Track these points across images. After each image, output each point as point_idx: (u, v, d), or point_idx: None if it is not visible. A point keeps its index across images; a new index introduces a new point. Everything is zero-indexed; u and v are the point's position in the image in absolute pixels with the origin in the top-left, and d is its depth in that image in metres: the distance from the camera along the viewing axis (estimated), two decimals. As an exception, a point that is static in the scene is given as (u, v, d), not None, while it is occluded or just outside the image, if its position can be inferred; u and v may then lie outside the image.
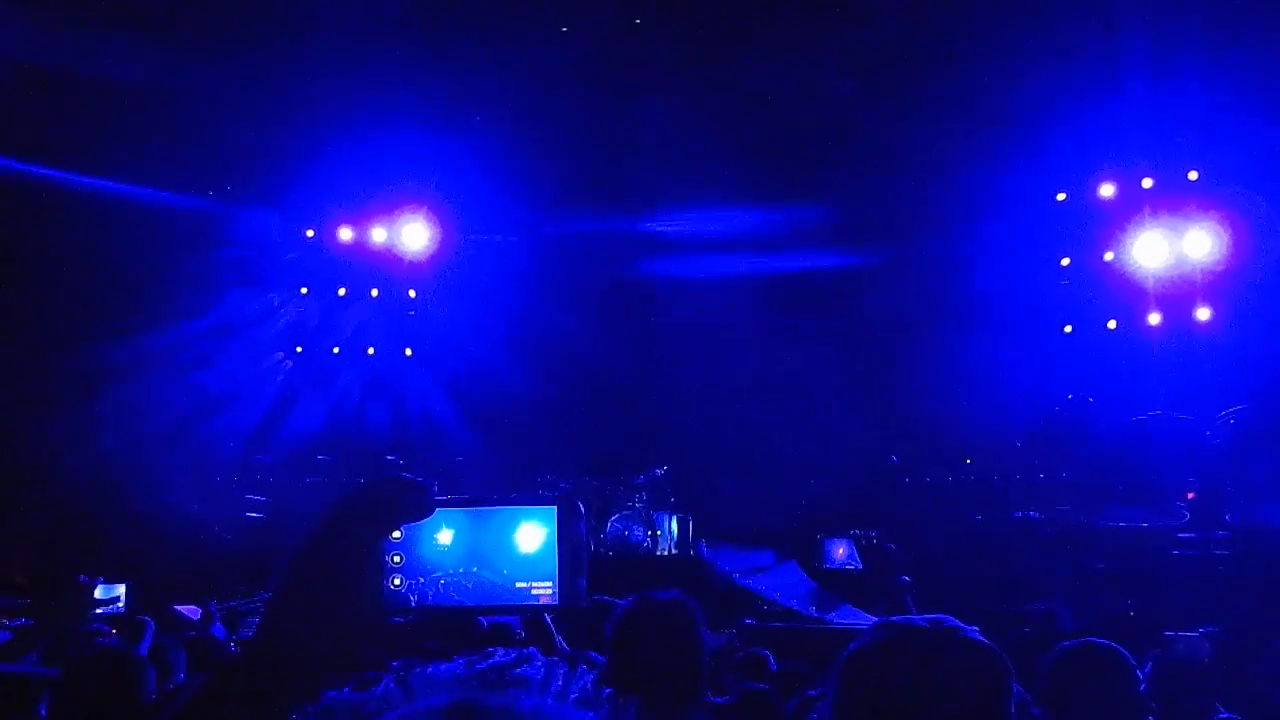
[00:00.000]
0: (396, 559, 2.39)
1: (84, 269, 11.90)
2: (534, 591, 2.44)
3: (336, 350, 14.07)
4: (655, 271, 13.29)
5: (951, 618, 1.83)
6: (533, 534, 2.45)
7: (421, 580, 2.40)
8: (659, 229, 13.03)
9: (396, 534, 2.33)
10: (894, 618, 1.97)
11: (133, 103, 10.37)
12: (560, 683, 1.01)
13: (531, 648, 1.07)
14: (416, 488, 1.60)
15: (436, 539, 2.42)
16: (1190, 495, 10.43)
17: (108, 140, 10.80)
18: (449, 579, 2.42)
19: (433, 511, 1.65)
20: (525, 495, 2.54)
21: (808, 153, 12.22)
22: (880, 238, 12.65)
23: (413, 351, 14.04)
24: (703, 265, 13.00)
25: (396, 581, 2.39)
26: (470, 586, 2.41)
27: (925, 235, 12.67)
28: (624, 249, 13.19)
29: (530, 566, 2.44)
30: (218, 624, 7.57)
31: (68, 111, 10.37)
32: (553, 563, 2.42)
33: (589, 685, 1.02)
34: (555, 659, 1.05)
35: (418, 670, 1.02)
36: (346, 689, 1.02)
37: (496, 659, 1.03)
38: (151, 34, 9.89)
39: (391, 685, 1.00)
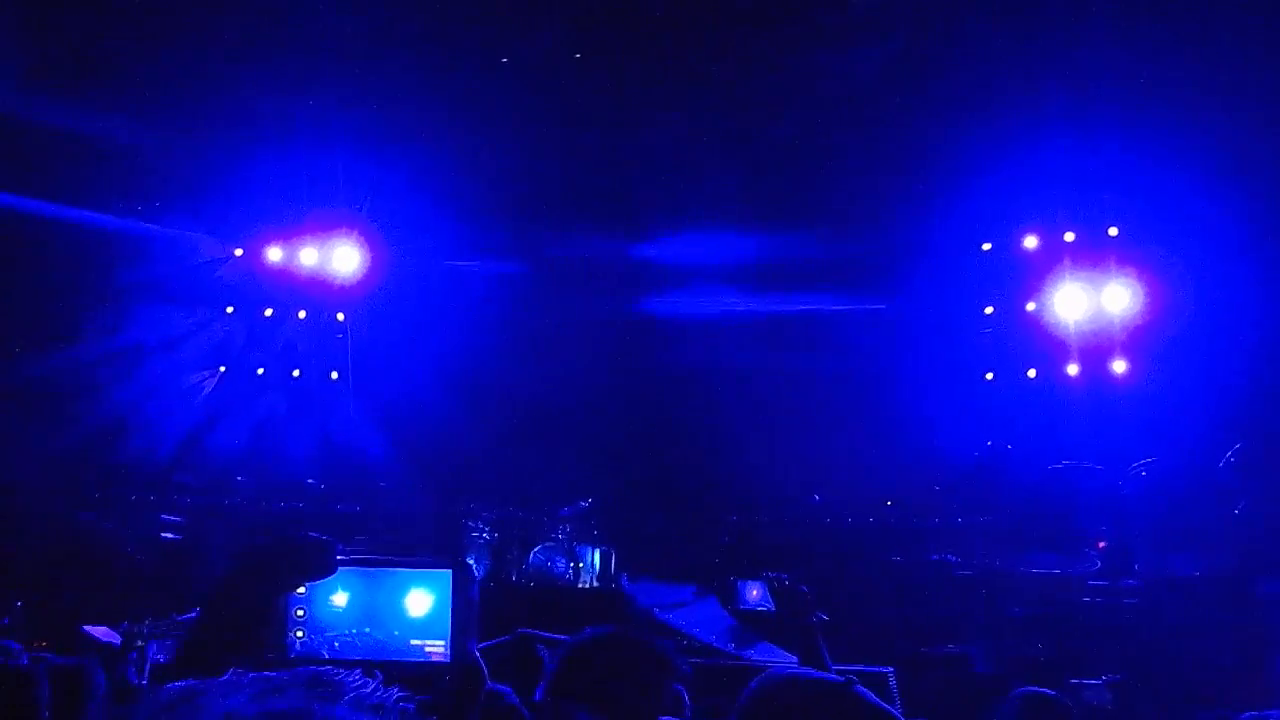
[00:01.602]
0: (300, 613, 2.40)
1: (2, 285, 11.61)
2: (427, 649, 2.46)
3: (261, 371, 13.83)
4: (587, 303, 13.29)
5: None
6: (424, 597, 2.48)
7: (316, 639, 2.42)
8: (593, 260, 13.05)
9: (301, 589, 2.33)
10: (784, 670, 1.99)
11: (56, 115, 10.15)
12: (359, 692, 1.09)
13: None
14: (321, 546, 1.66)
15: (332, 601, 2.44)
16: (1102, 544, 10.65)
17: (25, 154, 10.55)
18: (343, 639, 2.44)
19: (335, 570, 1.69)
20: (422, 559, 2.57)
21: (734, 199, 12.32)
22: (808, 283, 12.78)
23: (339, 375, 13.85)
24: (633, 298, 13.05)
25: (299, 634, 2.40)
26: (361, 646, 2.44)
27: (853, 280, 12.83)
28: (557, 277, 13.18)
29: (422, 627, 2.47)
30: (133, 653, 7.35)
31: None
32: (445, 624, 2.45)
33: (388, 696, 1.12)
34: (363, 675, 1.15)
35: (250, 674, 1.11)
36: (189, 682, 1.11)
37: (314, 669, 1.12)
38: (74, 44, 9.71)
39: (221, 680, 1.09)
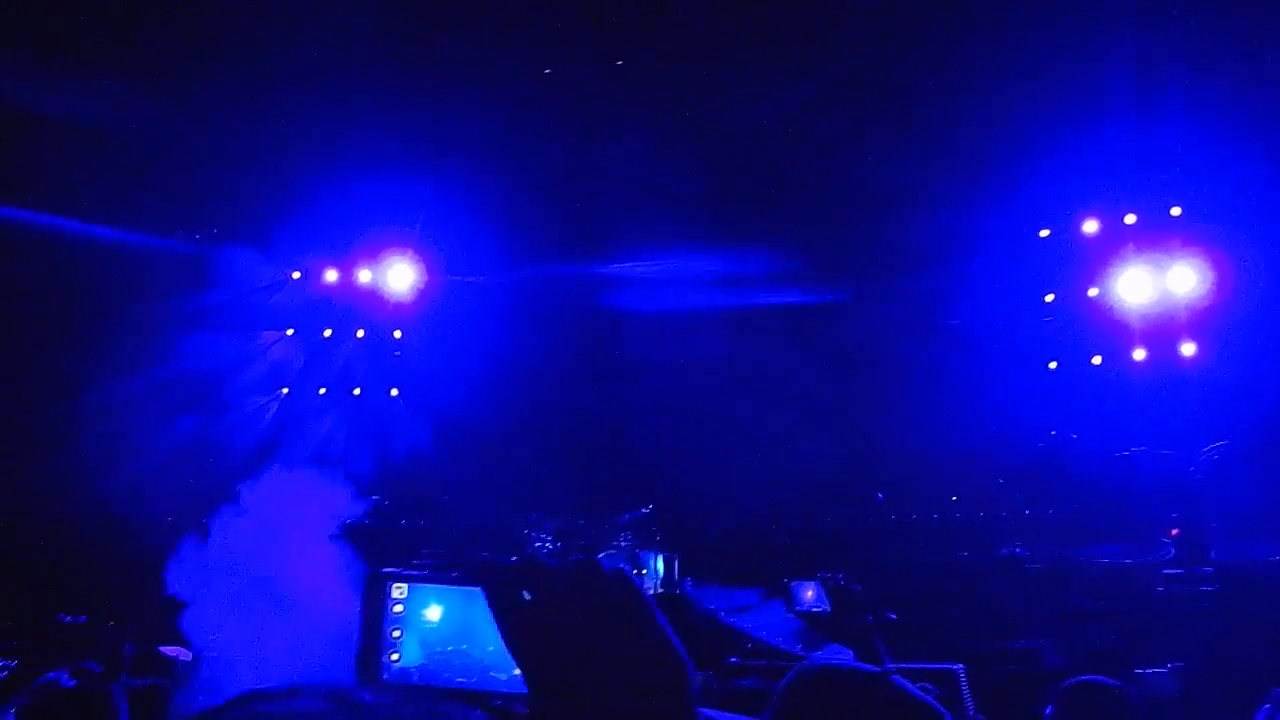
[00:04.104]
0: (396, 634, 2.30)
1: (69, 313, 11.92)
2: (518, 672, 2.36)
3: (322, 391, 14.05)
4: (640, 311, 13.27)
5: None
6: None
7: (411, 657, 2.30)
8: (642, 269, 13.04)
9: (398, 608, 2.25)
10: (820, 662, 1.95)
11: (118, 147, 10.42)
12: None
13: None
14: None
15: (425, 615, 2.31)
16: (1174, 531, 10.37)
17: (92, 183, 10.84)
18: (436, 657, 2.31)
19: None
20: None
21: (792, 191, 12.24)
22: (867, 275, 12.65)
23: (398, 392, 14.02)
24: (687, 304, 13.00)
25: (395, 657, 2.29)
26: (458, 664, 2.30)
27: (911, 272, 12.66)
28: (607, 289, 13.19)
29: None
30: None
31: (53, 155, 10.42)
32: None
33: None
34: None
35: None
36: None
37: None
38: (137, 79, 9.97)
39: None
